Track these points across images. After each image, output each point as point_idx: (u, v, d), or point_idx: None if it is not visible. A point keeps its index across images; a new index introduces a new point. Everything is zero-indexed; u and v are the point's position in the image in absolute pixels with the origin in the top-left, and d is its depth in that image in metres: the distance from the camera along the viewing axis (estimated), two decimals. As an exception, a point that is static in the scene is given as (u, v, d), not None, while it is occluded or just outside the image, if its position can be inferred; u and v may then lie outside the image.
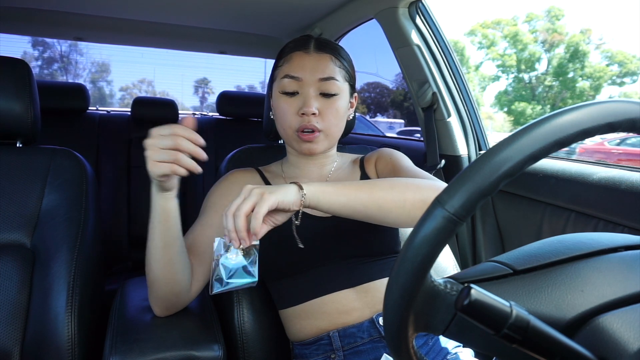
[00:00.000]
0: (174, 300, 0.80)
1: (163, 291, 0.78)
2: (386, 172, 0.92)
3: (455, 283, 0.40)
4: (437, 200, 0.37)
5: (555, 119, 0.36)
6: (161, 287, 0.77)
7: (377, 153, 0.97)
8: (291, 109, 0.86)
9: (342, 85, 0.88)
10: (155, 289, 0.78)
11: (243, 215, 0.63)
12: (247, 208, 0.64)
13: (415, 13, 1.39)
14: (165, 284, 0.77)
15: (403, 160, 0.92)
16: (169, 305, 0.81)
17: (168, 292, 0.78)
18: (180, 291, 0.79)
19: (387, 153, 0.95)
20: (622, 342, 0.36)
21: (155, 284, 0.77)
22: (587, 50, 17.60)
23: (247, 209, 0.64)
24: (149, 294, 0.80)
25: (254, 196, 0.64)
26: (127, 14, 1.76)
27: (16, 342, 0.86)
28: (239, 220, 0.64)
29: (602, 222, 0.96)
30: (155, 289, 0.78)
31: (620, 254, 0.45)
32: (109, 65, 20.96)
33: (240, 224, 0.64)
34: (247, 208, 0.64)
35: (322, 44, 0.89)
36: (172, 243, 0.74)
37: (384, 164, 0.93)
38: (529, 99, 18.63)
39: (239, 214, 0.64)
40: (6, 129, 0.97)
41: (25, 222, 0.94)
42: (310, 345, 0.85)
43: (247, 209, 0.64)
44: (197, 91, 22.72)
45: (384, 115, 17.68)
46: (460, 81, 1.44)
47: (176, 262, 0.75)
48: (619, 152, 7.90)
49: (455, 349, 0.88)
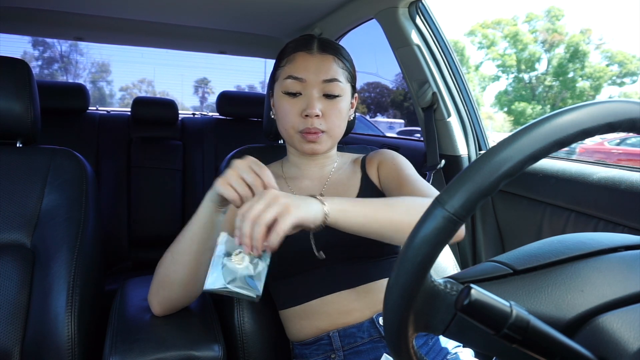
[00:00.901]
0: (183, 301, 0.81)
1: (177, 292, 0.78)
2: (390, 179, 0.90)
3: (455, 283, 0.40)
4: (437, 200, 0.37)
5: (555, 119, 0.36)
6: (178, 288, 0.78)
7: (379, 155, 0.96)
8: (294, 110, 0.86)
9: (344, 86, 0.88)
10: (169, 290, 0.78)
11: (264, 225, 0.60)
12: (269, 218, 0.60)
13: (415, 13, 1.39)
14: (184, 286, 0.77)
15: (407, 168, 0.91)
16: (174, 305, 0.81)
17: (182, 294, 0.79)
18: (194, 293, 0.80)
19: (389, 157, 0.94)
20: (622, 342, 0.36)
21: (173, 285, 0.77)
22: (587, 50, 17.61)
23: (269, 219, 0.60)
24: (152, 292, 0.80)
25: (278, 206, 0.61)
26: (127, 14, 1.76)
27: (16, 342, 0.86)
28: (259, 229, 0.60)
29: (602, 222, 0.96)
30: (169, 289, 0.78)
31: (620, 254, 0.45)
32: (109, 65, 20.98)
33: (259, 232, 0.60)
34: (270, 219, 0.60)
35: (325, 44, 0.88)
36: (205, 251, 0.74)
37: (387, 170, 0.92)
38: (529, 99, 18.64)
39: (260, 222, 0.60)
40: (6, 129, 0.97)
41: (25, 222, 0.94)
42: (310, 345, 0.85)
43: (270, 219, 0.60)
44: (197, 91, 22.73)
45: (384, 115, 17.68)
46: (460, 81, 1.44)
47: (202, 267, 0.75)
48: (619, 152, 7.90)
49: (455, 349, 0.88)
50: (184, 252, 0.75)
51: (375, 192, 0.91)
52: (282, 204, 0.61)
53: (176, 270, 0.76)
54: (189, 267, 0.75)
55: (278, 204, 0.61)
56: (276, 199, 0.62)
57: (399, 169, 0.91)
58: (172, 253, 0.77)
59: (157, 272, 0.79)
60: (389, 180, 0.91)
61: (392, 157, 0.94)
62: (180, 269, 0.75)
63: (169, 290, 0.78)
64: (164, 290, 0.79)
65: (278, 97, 0.89)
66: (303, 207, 0.63)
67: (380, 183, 0.93)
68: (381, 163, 0.94)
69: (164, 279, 0.78)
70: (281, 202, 0.61)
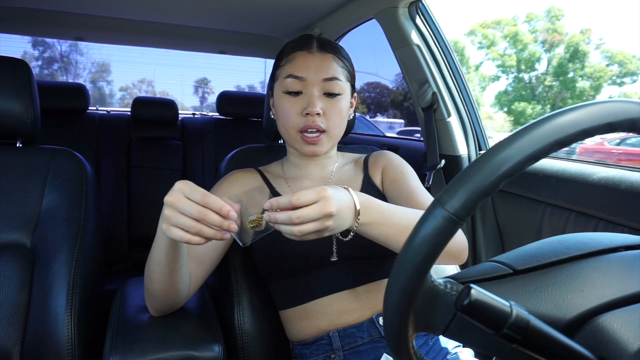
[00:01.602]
0: (172, 305, 0.81)
1: (162, 301, 0.79)
2: (396, 185, 0.91)
3: (455, 283, 0.40)
4: (437, 200, 0.37)
5: (555, 119, 0.36)
6: (162, 299, 0.78)
7: (383, 158, 0.96)
8: (294, 109, 0.86)
9: (344, 85, 0.88)
10: (155, 298, 0.78)
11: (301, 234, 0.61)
12: (309, 230, 0.61)
13: (415, 13, 1.39)
14: (166, 297, 0.78)
15: (414, 178, 0.92)
16: (166, 309, 0.82)
17: (167, 302, 0.79)
18: (180, 299, 0.80)
19: (396, 163, 0.95)
20: (622, 342, 0.36)
21: (156, 296, 0.77)
22: (587, 50, 17.60)
23: (309, 230, 0.61)
24: (146, 297, 0.81)
25: (323, 222, 0.61)
26: (127, 14, 1.76)
27: (16, 342, 0.86)
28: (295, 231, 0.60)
29: (602, 222, 0.96)
30: (155, 298, 0.78)
31: (620, 254, 0.45)
32: (109, 65, 20.98)
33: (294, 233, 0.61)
34: (309, 231, 0.61)
35: (324, 43, 0.89)
36: (178, 268, 0.73)
37: (394, 175, 0.92)
38: (529, 99, 18.63)
39: (302, 229, 0.60)
40: (6, 129, 0.97)
41: (25, 222, 0.94)
42: (310, 345, 0.85)
43: (309, 231, 0.61)
44: (197, 91, 22.73)
45: (384, 115, 17.69)
46: (460, 81, 1.44)
47: (179, 280, 0.76)
48: (619, 152, 7.89)
49: (455, 349, 0.88)
50: (157, 273, 0.73)
51: (377, 193, 0.91)
52: (329, 225, 0.62)
53: (153, 285, 0.75)
54: (165, 283, 0.74)
55: (324, 221, 0.61)
56: (327, 216, 0.61)
57: (407, 179, 0.91)
58: (147, 271, 0.75)
59: (144, 282, 0.79)
60: (394, 187, 0.91)
61: (398, 164, 0.94)
62: (157, 286, 0.75)
63: (155, 301, 0.79)
64: (151, 299, 0.79)
65: (278, 97, 0.89)
66: (340, 222, 0.64)
67: (382, 186, 0.93)
68: (387, 168, 0.94)
69: (147, 291, 0.78)
70: (328, 224, 0.62)
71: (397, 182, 0.91)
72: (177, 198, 0.60)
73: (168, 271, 0.72)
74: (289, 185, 0.93)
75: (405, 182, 0.90)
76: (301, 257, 0.83)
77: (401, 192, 0.89)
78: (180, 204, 0.60)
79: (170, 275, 0.73)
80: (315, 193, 0.61)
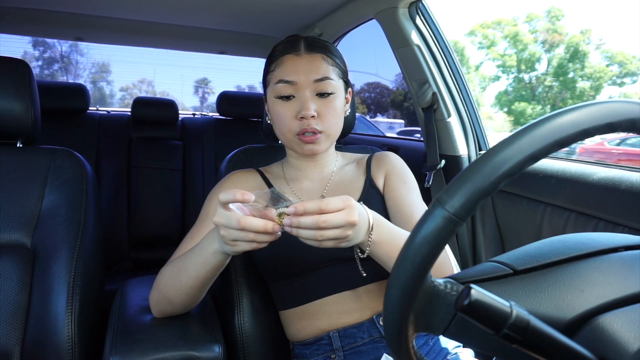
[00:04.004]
0: (184, 311, 0.84)
1: (179, 308, 0.81)
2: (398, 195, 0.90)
3: (455, 283, 0.40)
4: (437, 200, 0.37)
5: (555, 119, 0.36)
6: (180, 306, 0.81)
7: (388, 161, 0.96)
8: (289, 113, 0.85)
9: (336, 83, 0.87)
10: (171, 304, 0.80)
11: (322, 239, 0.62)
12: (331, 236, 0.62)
13: (415, 13, 1.39)
14: (186, 306, 0.81)
15: (414, 193, 0.92)
16: (175, 313, 0.83)
17: (183, 309, 0.82)
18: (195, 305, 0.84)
19: (399, 171, 0.94)
20: (622, 342, 0.36)
21: (176, 304, 0.80)
22: (587, 50, 17.60)
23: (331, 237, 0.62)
24: (157, 302, 0.81)
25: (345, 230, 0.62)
26: (127, 14, 1.76)
27: (16, 342, 0.86)
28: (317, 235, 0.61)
29: (602, 222, 0.96)
30: (171, 304, 0.80)
31: (620, 254, 0.45)
32: (109, 65, 20.96)
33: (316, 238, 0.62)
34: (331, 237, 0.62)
35: (312, 43, 0.88)
36: (208, 285, 0.77)
37: (395, 185, 0.92)
38: (529, 99, 18.63)
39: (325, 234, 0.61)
40: (6, 129, 0.97)
41: (26, 222, 0.94)
42: (311, 346, 0.85)
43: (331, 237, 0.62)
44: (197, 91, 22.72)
45: (384, 115, 17.68)
46: (460, 81, 1.44)
47: (202, 294, 0.79)
48: (619, 152, 7.89)
49: (455, 349, 0.88)
50: (185, 286, 0.75)
51: (378, 196, 0.91)
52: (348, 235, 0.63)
53: (179, 297, 0.77)
54: (190, 296, 0.78)
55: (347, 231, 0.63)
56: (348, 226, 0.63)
57: (409, 192, 0.91)
58: (173, 281, 0.76)
59: (157, 286, 0.80)
60: (395, 195, 0.90)
61: (402, 173, 0.94)
62: (184, 296, 0.77)
63: (168, 306, 0.80)
64: (163, 305, 0.80)
65: (272, 102, 0.88)
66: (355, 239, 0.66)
67: (384, 190, 0.93)
68: (390, 173, 0.94)
69: (163, 298, 0.79)
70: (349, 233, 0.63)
71: (399, 192, 0.91)
72: (221, 222, 0.63)
73: (202, 285, 0.76)
74: (289, 186, 0.93)
75: (407, 196, 0.90)
76: (301, 258, 0.83)
77: (402, 205, 0.89)
78: (225, 229, 0.63)
79: (202, 289, 0.77)
80: (342, 201, 0.63)
